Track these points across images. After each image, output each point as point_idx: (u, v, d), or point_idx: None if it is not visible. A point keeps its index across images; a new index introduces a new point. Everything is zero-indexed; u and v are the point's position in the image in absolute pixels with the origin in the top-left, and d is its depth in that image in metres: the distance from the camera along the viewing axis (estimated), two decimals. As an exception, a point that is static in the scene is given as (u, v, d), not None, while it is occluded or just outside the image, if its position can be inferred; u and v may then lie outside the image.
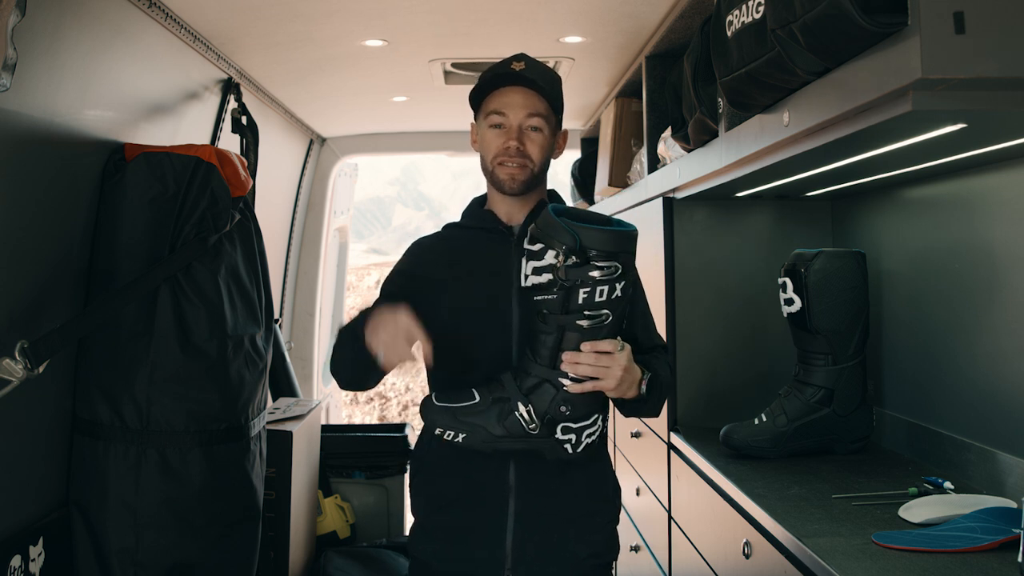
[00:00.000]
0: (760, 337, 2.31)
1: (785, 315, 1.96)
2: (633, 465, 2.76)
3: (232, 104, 2.80)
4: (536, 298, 1.40)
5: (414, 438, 3.38)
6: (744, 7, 1.37)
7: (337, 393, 5.09)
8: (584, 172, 3.89)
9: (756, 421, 1.93)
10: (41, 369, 1.71)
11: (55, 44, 1.73)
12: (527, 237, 1.41)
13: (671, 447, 2.26)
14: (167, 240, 2.03)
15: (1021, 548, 1.13)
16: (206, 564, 2.06)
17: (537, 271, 1.38)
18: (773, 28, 1.23)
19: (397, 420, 9.51)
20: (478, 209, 1.65)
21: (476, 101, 1.62)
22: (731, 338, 2.33)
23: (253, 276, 2.25)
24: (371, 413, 9.90)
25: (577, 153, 4.10)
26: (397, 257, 1.69)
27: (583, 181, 3.88)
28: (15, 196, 1.72)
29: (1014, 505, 1.40)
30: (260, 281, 2.30)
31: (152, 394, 1.98)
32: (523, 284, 1.40)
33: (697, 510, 2.01)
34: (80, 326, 1.86)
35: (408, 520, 3.48)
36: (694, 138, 2.00)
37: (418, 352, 1.44)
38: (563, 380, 1.42)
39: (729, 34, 1.44)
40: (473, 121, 1.65)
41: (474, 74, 3.00)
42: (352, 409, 9.79)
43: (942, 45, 0.96)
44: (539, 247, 1.38)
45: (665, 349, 1.65)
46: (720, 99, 1.78)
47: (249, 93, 2.94)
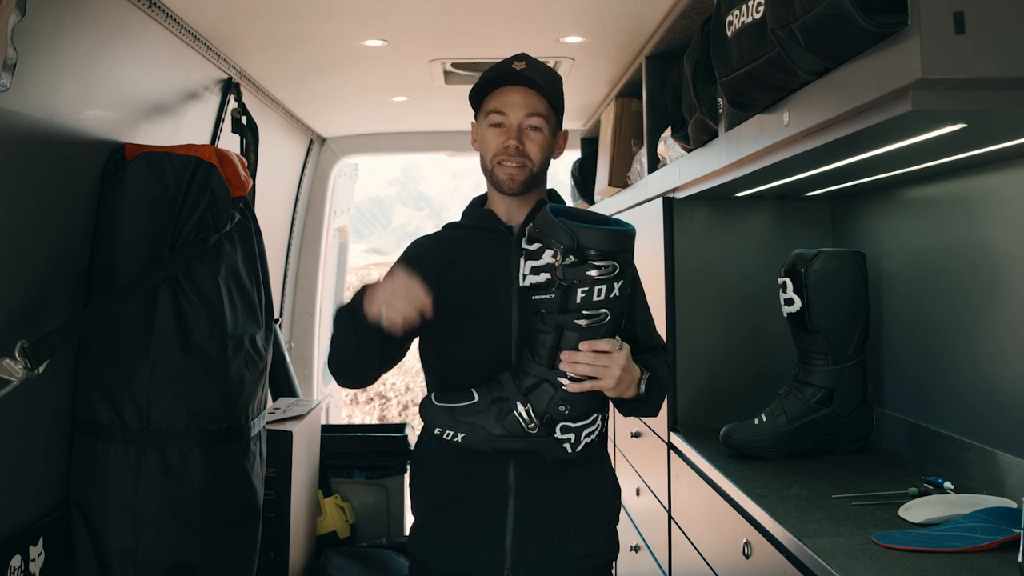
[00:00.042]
0: (760, 337, 2.31)
1: (785, 315, 1.96)
2: (633, 465, 2.76)
3: (232, 104, 2.80)
4: (534, 298, 1.40)
5: (414, 438, 3.38)
6: (744, 7, 1.37)
7: (337, 393, 5.09)
8: (584, 172, 3.89)
9: (756, 421, 1.93)
10: (41, 369, 1.71)
11: (55, 44, 1.73)
12: (525, 237, 1.41)
13: (671, 447, 2.26)
14: (167, 240, 2.04)
15: (1021, 548, 1.13)
16: (206, 564, 2.06)
17: (535, 271, 1.37)
18: (773, 28, 1.23)
19: (397, 420, 9.50)
20: (478, 209, 1.65)
21: (476, 100, 1.62)
22: (731, 338, 2.33)
23: (253, 276, 2.25)
24: (371, 413, 9.89)
25: (577, 153, 4.10)
26: (397, 257, 1.68)
27: (583, 181, 3.88)
28: (15, 196, 1.72)
29: (1014, 505, 1.40)
30: (260, 281, 2.29)
31: (152, 394, 1.99)
32: (521, 284, 1.40)
33: (697, 510, 2.01)
34: (80, 326, 1.86)
35: (408, 520, 3.48)
36: (694, 138, 2.00)
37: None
38: (562, 379, 1.42)
39: (729, 34, 1.44)
40: (473, 120, 1.65)
41: (474, 74, 3.00)
42: (352, 409, 9.79)
43: (942, 45, 0.96)
44: (537, 247, 1.38)
45: (665, 349, 1.65)
46: (720, 99, 1.78)
47: (249, 93, 2.94)
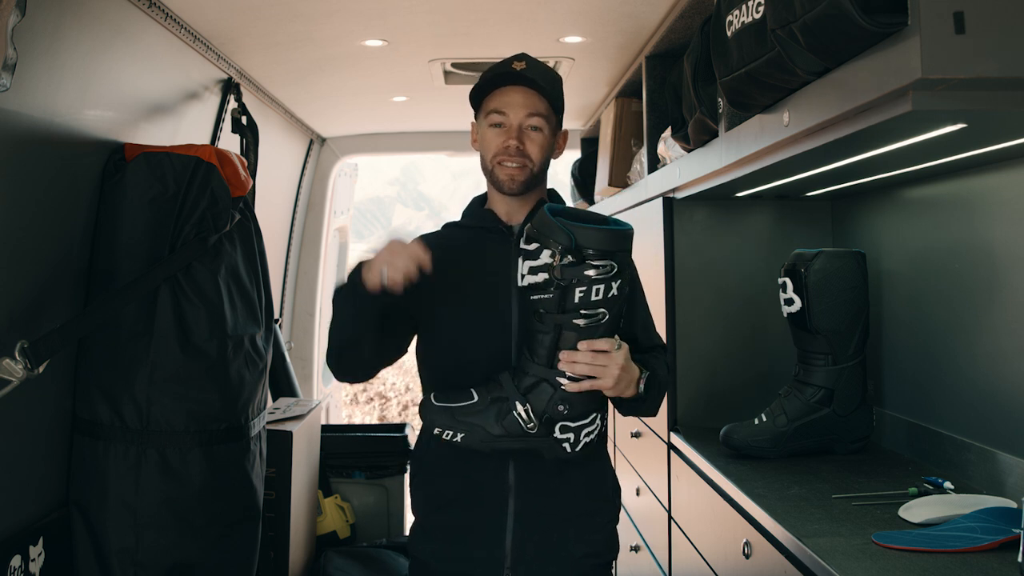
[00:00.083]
0: (760, 337, 2.31)
1: (785, 315, 1.96)
2: (633, 465, 2.76)
3: (232, 104, 2.80)
4: (532, 297, 1.40)
5: (414, 438, 3.38)
6: (744, 7, 1.37)
7: (337, 393, 5.09)
8: (584, 172, 3.89)
9: (756, 421, 1.93)
10: (41, 369, 1.71)
11: (55, 44, 1.73)
12: (523, 237, 1.41)
13: (671, 447, 2.26)
14: (167, 240, 2.03)
15: (1021, 548, 1.13)
16: (206, 564, 2.06)
17: (533, 270, 1.38)
18: (773, 28, 1.23)
19: (397, 420, 9.50)
20: (478, 208, 1.65)
21: (476, 100, 1.61)
22: (731, 338, 2.33)
23: (253, 276, 2.25)
24: (371, 413, 9.89)
25: (577, 153, 4.10)
26: None
27: (583, 181, 3.88)
28: (15, 196, 1.72)
29: (1014, 505, 1.40)
30: (260, 281, 2.29)
31: (152, 394, 1.99)
32: (520, 284, 1.40)
33: (697, 510, 2.01)
34: (80, 326, 1.86)
35: (408, 520, 3.48)
36: (694, 138, 2.00)
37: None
38: (560, 379, 1.42)
39: (729, 34, 1.44)
40: (473, 120, 1.65)
41: (474, 74, 3.00)
42: (352, 409, 9.78)
43: (942, 45, 0.96)
44: (535, 246, 1.38)
45: (664, 349, 1.65)
46: (720, 99, 1.78)
47: (249, 93, 2.94)
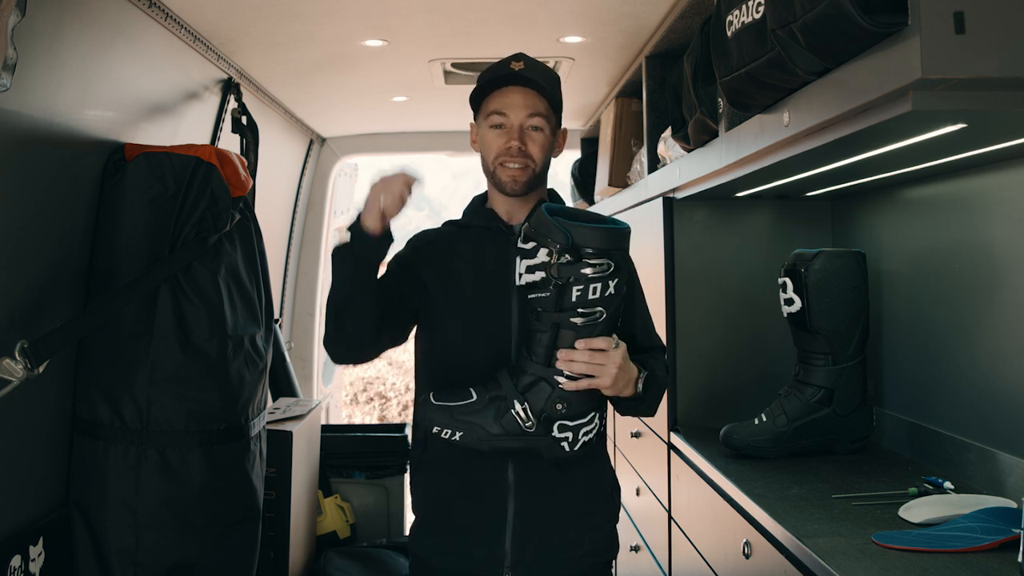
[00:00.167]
0: (760, 337, 2.31)
1: (785, 315, 1.96)
2: (633, 465, 2.76)
3: (232, 104, 2.80)
4: (530, 296, 1.41)
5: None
6: (744, 7, 1.37)
7: (337, 393, 5.09)
8: (584, 172, 3.89)
9: (756, 421, 1.93)
10: (41, 369, 1.71)
11: (55, 44, 1.73)
12: (520, 236, 1.42)
13: (671, 447, 2.26)
14: (167, 240, 2.03)
15: (1021, 548, 1.13)
16: (206, 564, 2.06)
17: (531, 269, 1.38)
18: (773, 28, 1.23)
19: (397, 420, 9.50)
20: (480, 207, 1.65)
21: (475, 102, 1.61)
22: (731, 338, 2.33)
23: (253, 276, 2.25)
24: (371, 413, 9.89)
25: (577, 153, 4.10)
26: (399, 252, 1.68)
27: (583, 181, 3.88)
28: (15, 196, 1.72)
29: (1014, 505, 1.40)
30: (260, 281, 2.29)
31: (152, 394, 1.98)
32: (518, 283, 1.41)
33: (697, 510, 2.01)
34: (80, 326, 1.86)
35: (408, 520, 3.48)
36: (694, 138, 2.00)
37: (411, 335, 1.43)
38: (559, 378, 1.42)
39: (729, 34, 1.44)
40: (472, 122, 1.65)
41: (474, 74, 3.00)
42: (352, 409, 9.79)
43: (942, 45, 0.96)
44: (532, 245, 1.38)
45: (663, 350, 1.65)
46: (720, 99, 1.78)
47: (249, 93, 2.94)
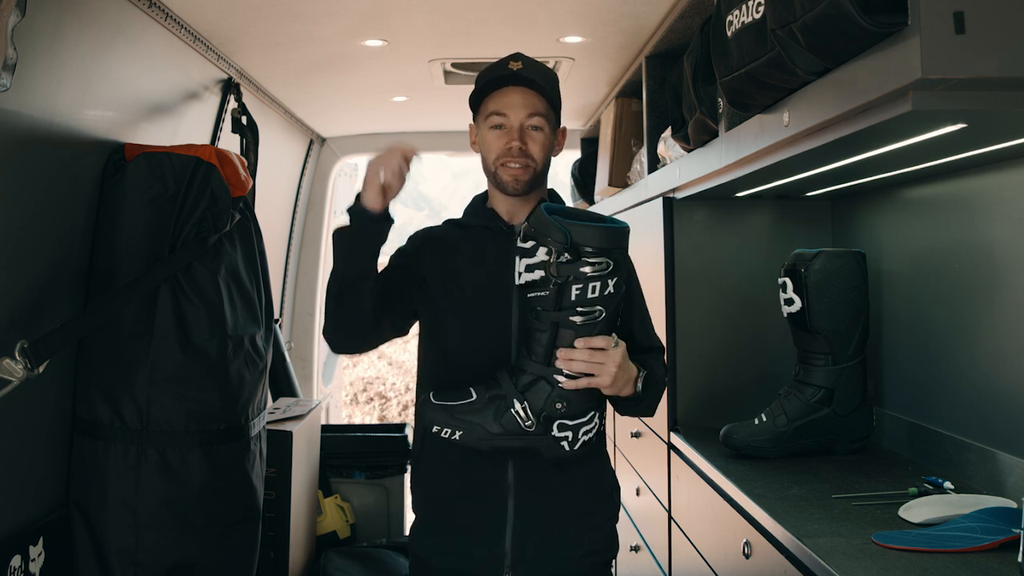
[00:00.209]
0: (760, 337, 2.31)
1: (785, 315, 1.96)
2: (633, 465, 2.76)
3: (232, 104, 2.80)
4: (529, 295, 1.41)
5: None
6: (744, 7, 1.37)
7: (337, 393, 5.09)
8: (584, 172, 3.89)
9: (756, 421, 1.93)
10: (41, 369, 1.71)
11: (55, 44, 1.73)
12: (519, 235, 1.42)
13: (671, 447, 2.26)
14: (167, 240, 2.03)
15: (1021, 548, 1.13)
16: (206, 564, 2.06)
17: (530, 268, 1.39)
18: (773, 28, 1.23)
19: (397, 420, 9.50)
20: (480, 207, 1.65)
21: (475, 103, 1.62)
22: (731, 338, 2.33)
23: (253, 276, 2.25)
24: (371, 413, 9.89)
25: (577, 153, 4.10)
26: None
27: (583, 181, 3.88)
28: (15, 196, 1.72)
29: (1014, 505, 1.40)
30: (260, 281, 2.29)
31: (152, 394, 1.98)
32: (517, 282, 1.41)
33: (697, 510, 2.01)
34: (80, 326, 1.86)
35: (408, 520, 3.48)
36: (694, 138, 2.00)
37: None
38: (558, 377, 1.42)
39: (729, 34, 1.44)
40: (471, 123, 1.65)
41: (474, 74, 2.99)
42: (352, 409, 9.79)
43: (942, 45, 0.96)
44: (531, 244, 1.39)
45: (662, 351, 1.65)
46: (720, 99, 1.78)
47: (249, 93, 2.94)
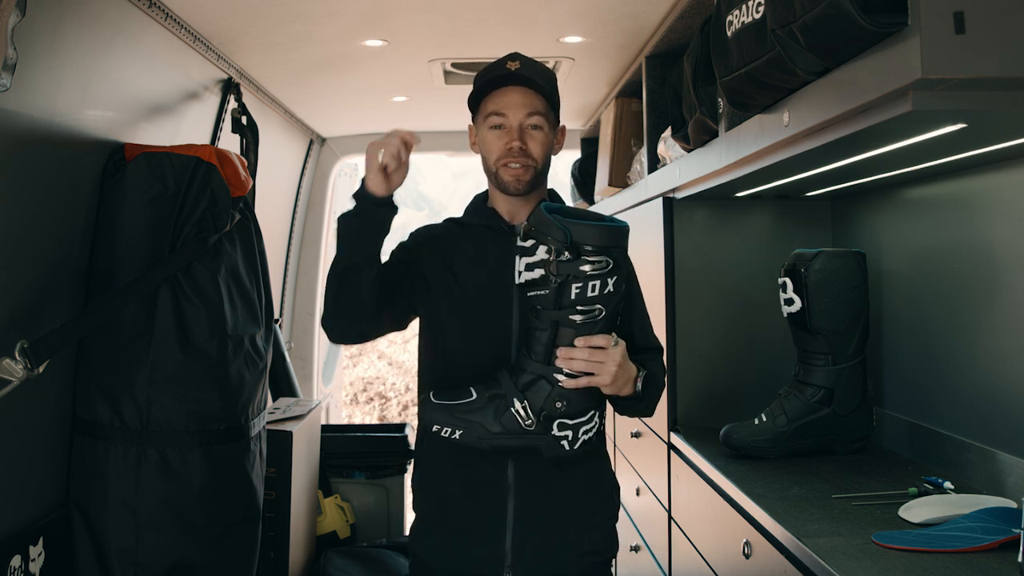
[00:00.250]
0: (760, 337, 2.31)
1: (785, 315, 1.96)
2: (633, 465, 2.76)
3: (232, 104, 2.80)
4: (529, 294, 1.41)
5: (414, 437, 3.38)
6: (744, 7, 1.37)
7: (337, 393, 5.09)
8: (584, 172, 3.88)
9: (756, 421, 1.93)
10: (41, 369, 1.71)
11: (55, 44, 1.73)
12: (519, 234, 1.42)
13: (671, 447, 2.26)
14: (167, 240, 2.03)
15: (1021, 548, 1.13)
16: (206, 564, 2.06)
17: (530, 267, 1.39)
18: (773, 28, 1.23)
19: (397, 420, 9.50)
20: (481, 206, 1.65)
21: (474, 103, 1.62)
22: (731, 338, 2.33)
23: (253, 276, 2.25)
24: (371, 413, 9.89)
25: (577, 153, 4.10)
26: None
27: (583, 181, 3.88)
28: (15, 196, 1.72)
29: (1014, 505, 1.40)
30: (260, 281, 2.29)
31: (152, 394, 1.98)
32: (517, 281, 1.41)
33: (697, 510, 2.01)
34: (80, 326, 1.86)
35: (408, 520, 3.48)
36: (694, 138, 2.00)
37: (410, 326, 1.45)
38: (558, 376, 1.42)
39: (729, 34, 1.44)
40: (471, 123, 1.65)
41: (474, 74, 2.99)
42: (352, 409, 9.79)
43: (942, 45, 0.96)
44: (531, 243, 1.39)
45: (661, 351, 1.65)
46: (720, 99, 1.78)
47: (249, 93, 2.94)
